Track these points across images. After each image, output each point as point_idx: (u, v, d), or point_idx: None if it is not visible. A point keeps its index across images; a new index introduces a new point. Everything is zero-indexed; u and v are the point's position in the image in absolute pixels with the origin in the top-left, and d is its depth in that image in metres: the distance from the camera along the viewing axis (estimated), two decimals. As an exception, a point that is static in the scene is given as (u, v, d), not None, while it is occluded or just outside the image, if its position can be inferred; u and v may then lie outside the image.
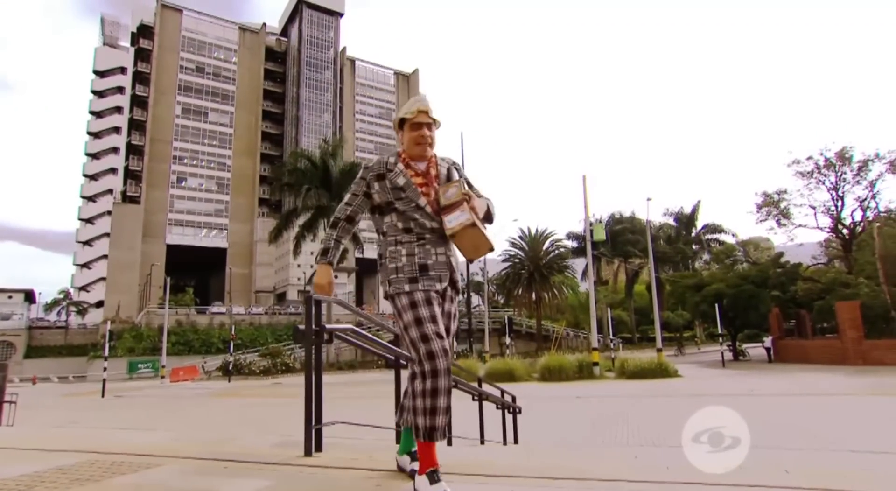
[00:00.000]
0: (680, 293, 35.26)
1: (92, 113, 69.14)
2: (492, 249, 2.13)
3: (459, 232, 2.05)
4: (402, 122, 2.20)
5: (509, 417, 6.25)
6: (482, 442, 5.29)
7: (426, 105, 2.18)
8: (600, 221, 45.74)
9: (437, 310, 1.99)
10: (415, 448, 1.97)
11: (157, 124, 58.80)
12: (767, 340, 29.94)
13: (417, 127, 2.16)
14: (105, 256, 57.42)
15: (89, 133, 68.94)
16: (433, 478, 1.83)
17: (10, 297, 47.93)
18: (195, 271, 62.73)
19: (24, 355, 45.01)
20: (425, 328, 1.93)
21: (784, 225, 32.41)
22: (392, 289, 2.04)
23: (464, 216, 2.04)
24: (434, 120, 2.19)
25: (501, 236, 56.78)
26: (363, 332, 3.06)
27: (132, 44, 64.90)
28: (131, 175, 59.54)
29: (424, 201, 2.10)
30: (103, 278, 56.62)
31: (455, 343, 1.98)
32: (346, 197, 2.19)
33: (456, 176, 2.23)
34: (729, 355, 30.30)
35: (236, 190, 62.73)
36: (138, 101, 60.36)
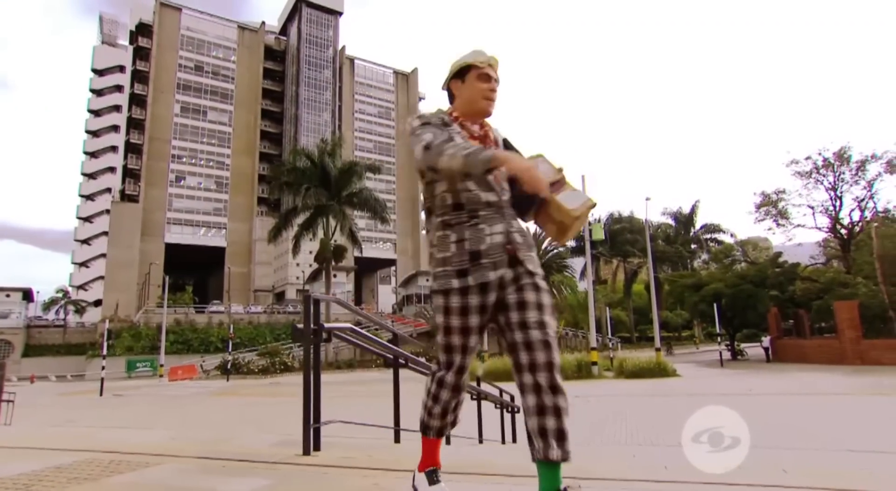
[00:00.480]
0: (678, 293, 35.31)
1: (90, 111, 69.06)
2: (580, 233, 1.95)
3: (584, 212, 1.79)
4: (463, 72, 1.86)
5: (508, 417, 6.26)
6: (481, 441, 5.29)
7: (496, 59, 1.89)
8: (599, 221, 45.74)
9: (475, 319, 1.72)
10: (560, 485, 1.71)
11: (156, 123, 58.71)
12: (766, 340, 30.00)
13: (488, 79, 1.85)
14: (103, 255, 57.36)
15: (88, 131, 68.86)
16: (432, 478, 1.76)
17: (7, 295, 47.75)
18: (194, 270, 62.66)
19: (21, 354, 44.90)
20: (451, 339, 1.76)
21: (782, 225, 32.49)
22: (437, 284, 1.74)
23: (584, 196, 1.78)
24: (497, 80, 1.90)
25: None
26: (362, 331, 3.06)
27: (131, 42, 64.79)
28: (130, 174, 59.47)
29: None
30: (101, 277, 56.56)
31: (554, 333, 1.72)
32: (429, 137, 1.71)
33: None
34: (727, 355, 30.36)
35: (235, 189, 62.67)
36: (137, 100, 60.27)
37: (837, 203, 31.03)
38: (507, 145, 1.95)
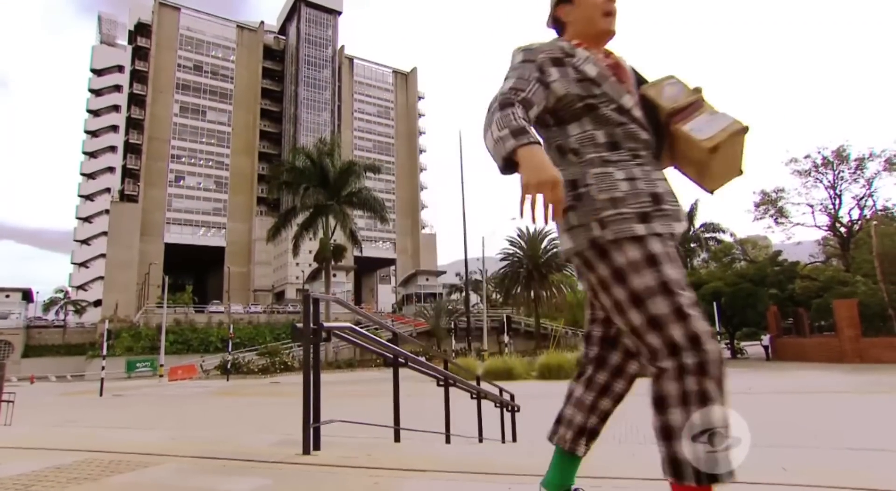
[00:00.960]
0: (678, 291, 35.28)
1: (89, 111, 69.00)
2: (742, 173, 1.43)
3: (726, 142, 1.33)
4: None
5: (508, 416, 6.26)
6: (480, 440, 5.29)
7: None
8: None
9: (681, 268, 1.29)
10: (572, 485, 1.44)
11: (155, 123, 58.70)
12: (765, 338, 30.04)
13: None
14: (103, 255, 57.35)
15: (87, 132, 68.81)
16: None
17: (7, 296, 47.68)
18: (193, 270, 62.67)
19: (21, 355, 44.86)
20: (679, 298, 1.23)
21: (781, 223, 32.58)
22: (611, 232, 1.27)
23: (725, 119, 1.35)
24: None
25: (500, 235, 56.74)
26: (362, 330, 3.06)
27: (130, 42, 64.75)
28: (129, 174, 59.45)
29: (631, 101, 1.41)
30: (101, 277, 56.56)
31: None
32: (510, 82, 1.35)
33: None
34: (727, 353, 30.40)
35: (234, 189, 62.67)
36: (136, 100, 60.23)
37: (837, 201, 31.12)
38: (638, 76, 1.56)
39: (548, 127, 1.45)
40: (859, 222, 30.83)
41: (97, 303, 56.29)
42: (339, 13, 71.94)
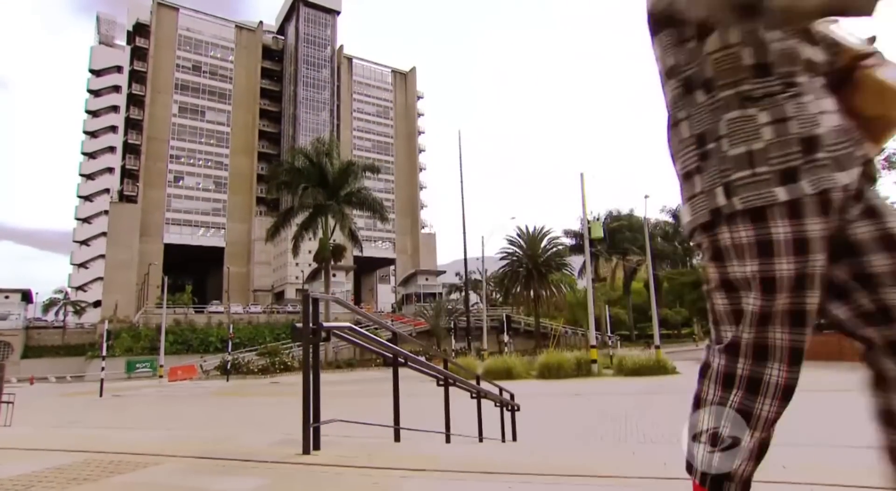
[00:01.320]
0: (678, 290, 35.41)
1: (88, 112, 68.99)
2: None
3: None
4: None
5: (508, 415, 6.27)
6: (480, 439, 5.29)
7: None
8: (598, 219, 45.78)
9: (819, 259, 0.97)
10: None
11: (154, 123, 58.67)
12: (765, 337, 30.06)
13: None
14: (102, 256, 57.37)
15: (86, 132, 68.80)
16: None
17: (6, 297, 47.64)
18: (193, 270, 62.66)
19: (21, 355, 44.84)
20: (765, 302, 0.99)
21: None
22: (739, 201, 0.99)
23: None
24: None
25: (499, 235, 56.88)
26: (361, 330, 3.06)
27: (128, 42, 64.71)
28: (128, 174, 59.43)
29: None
30: (100, 278, 56.57)
31: None
32: None
33: None
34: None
35: (234, 189, 62.66)
36: (135, 100, 60.19)
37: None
38: None
39: (683, 43, 1.10)
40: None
41: (97, 303, 56.29)
42: (338, 13, 71.93)
